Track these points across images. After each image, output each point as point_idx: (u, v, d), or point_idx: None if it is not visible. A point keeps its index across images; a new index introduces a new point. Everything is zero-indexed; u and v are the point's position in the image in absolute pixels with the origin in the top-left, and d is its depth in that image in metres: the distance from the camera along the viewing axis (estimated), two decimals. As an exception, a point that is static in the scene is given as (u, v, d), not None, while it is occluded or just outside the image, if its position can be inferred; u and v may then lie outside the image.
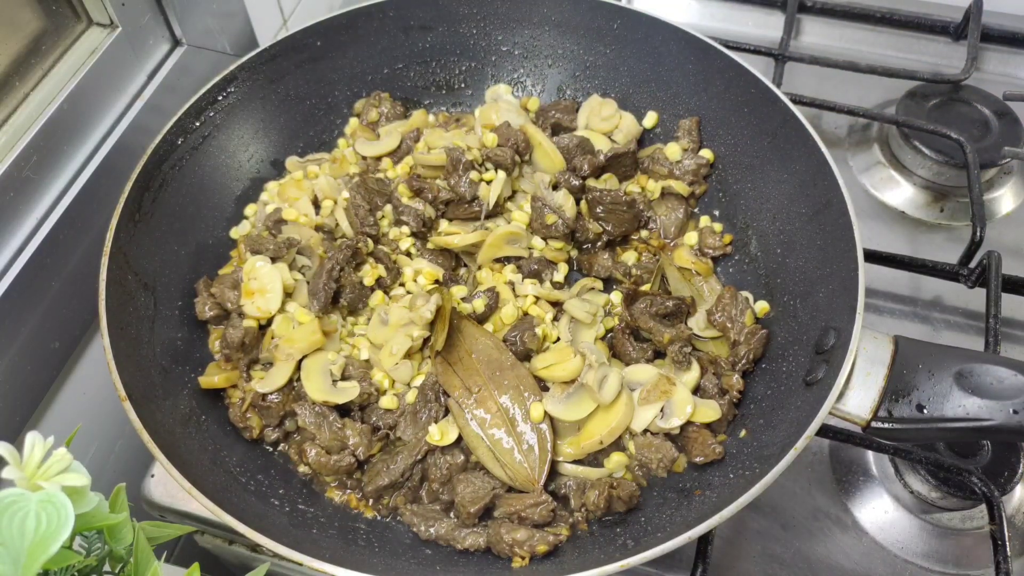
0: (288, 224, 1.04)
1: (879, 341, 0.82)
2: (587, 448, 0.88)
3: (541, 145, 1.09)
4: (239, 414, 0.91)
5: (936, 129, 1.20)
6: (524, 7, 1.17)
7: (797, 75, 1.40)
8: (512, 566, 0.80)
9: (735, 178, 1.09)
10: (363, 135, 1.15)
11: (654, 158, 1.11)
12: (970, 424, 0.77)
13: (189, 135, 1.02)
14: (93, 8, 1.04)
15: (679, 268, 1.04)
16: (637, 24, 1.13)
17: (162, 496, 0.95)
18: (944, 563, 0.93)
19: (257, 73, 1.08)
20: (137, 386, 0.82)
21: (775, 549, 0.94)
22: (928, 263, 1.07)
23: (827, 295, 0.89)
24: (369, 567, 0.71)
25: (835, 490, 0.99)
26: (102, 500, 0.59)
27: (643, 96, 1.17)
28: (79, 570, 0.58)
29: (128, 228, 0.91)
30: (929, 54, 1.45)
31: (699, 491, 0.84)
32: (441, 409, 0.91)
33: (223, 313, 0.96)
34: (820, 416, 0.76)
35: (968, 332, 1.12)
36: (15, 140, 0.93)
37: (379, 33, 1.16)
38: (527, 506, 0.83)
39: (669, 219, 1.08)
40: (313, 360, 0.92)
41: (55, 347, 1.00)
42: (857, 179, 1.29)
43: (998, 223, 1.23)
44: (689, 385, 0.90)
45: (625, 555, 0.70)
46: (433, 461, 0.89)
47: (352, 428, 0.89)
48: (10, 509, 0.49)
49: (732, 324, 0.95)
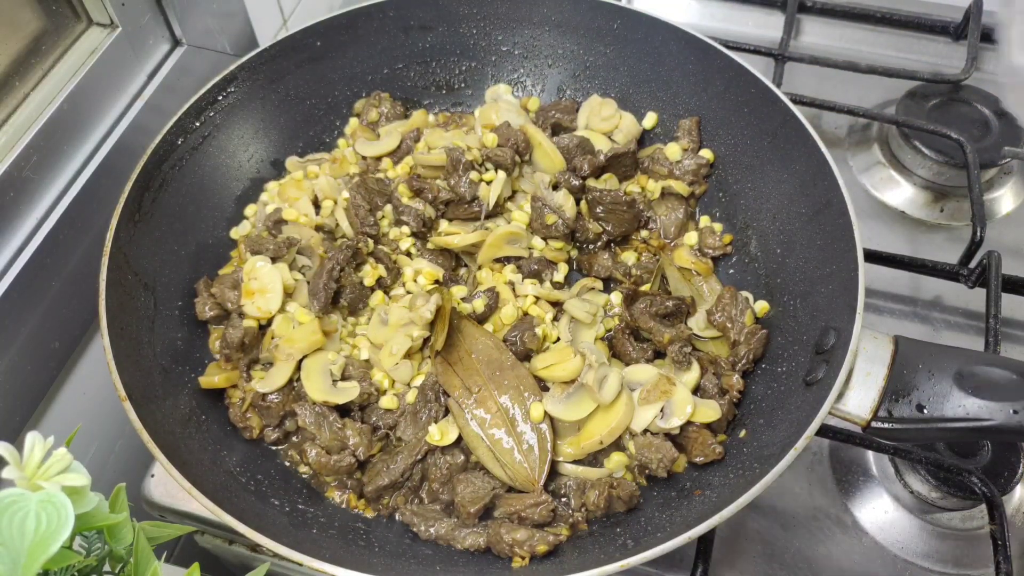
0: (288, 224, 1.04)
1: (879, 341, 0.82)
2: (587, 448, 0.88)
3: (541, 145, 1.09)
4: (239, 414, 0.91)
5: (936, 129, 1.20)
6: (524, 7, 1.17)
7: (797, 75, 1.40)
8: (512, 566, 0.80)
9: (735, 178, 1.09)
10: (363, 135, 1.15)
11: (654, 158, 1.11)
12: (970, 424, 0.77)
13: (189, 135, 1.02)
14: (93, 8, 1.04)
15: (679, 268, 1.04)
16: (637, 24, 1.13)
17: (162, 496, 0.95)
18: (944, 563, 0.93)
19: (257, 73, 1.08)
20: (137, 386, 0.82)
21: (775, 549, 0.94)
22: (928, 263, 1.07)
23: (827, 295, 0.89)
24: (369, 567, 0.71)
25: (835, 490, 0.99)
26: (102, 500, 0.59)
27: (643, 96, 1.17)
28: (79, 570, 0.58)
29: (128, 228, 0.91)
30: (929, 54, 1.45)
31: (699, 491, 0.84)
32: (441, 409, 0.91)
33: (223, 313, 0.96)
34: (820, 416, 0.76)
35: (968, 332, 1.12)
36: (15, 140, 0.93)
37: (379, 33, 1.16)
38: (527, 506, 0.83)
39: (669, 219, 1.08)
40: (313, 360, 0.92)
41: (55, 347, 1.00)
42: (857, 179, 1.29)
43: (998, 223, 1.23)
44: (689, 385, 0.90)
45: (625, 555, 0.70)
46: (433, 461, 0.89)
47: (352, 428, 0.89)
48: (10, 509, 0.49)
49: (732, 324, 0.95)
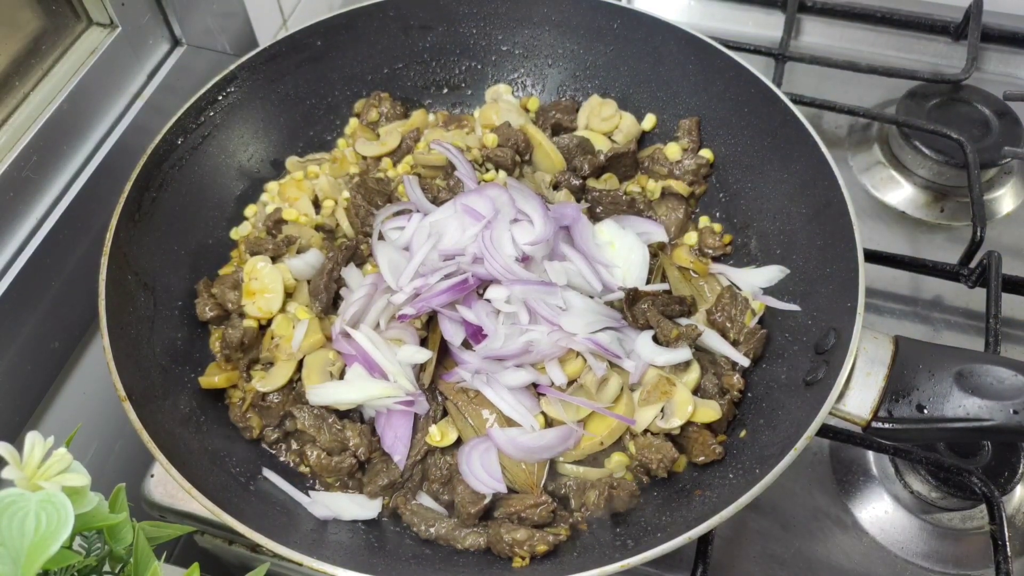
0: (288, 224, 1.04)
1: (879, 341, 0.82)
2: (587, 448, 0.88)
3: (541, 145, 1.09)
4: (239, 414, 0.91)
5: (936, 129, 1.20)
6: (524, 7, 1.17)
7: (797, 75, 1.40)
8: (512, 566, 0.80)
9: (735, 178, 1.09)
10: (363, 135, 1.15)
11: (654, 158, 1.11)
12: (970, 424, 0.77)
13: (189, 135, 1.02)
14: (93, 8, 1.04)
15: (679, 268, 1.04)
16: (637, 24, 1.13)
17: (162, 496, 0.95)
18: (944, 563, 0.93)
19: (257, 73, 1.08)
20: (137, 386, 0.82)
21: (775, 549, 0.94)
22: (928, 263, 1.07)
23: (827, 295, 0.89)
24: (369, 567, 0.71)
25: (835, 490, 0.99)
26: (102, 500, 0.59)
27: (643, 96, 1.17)
28: (79, 570, 0.58)
29: (128, 228, 0.91)
30: (929, 54, 1.45)
31: (699, 491, 0.84)
32: (440, 409, 0.92)
33: (223, 313, 0.97)
34: (820, 416, 0.76)
35: (968, 332, 1.12)
36: (15, 140, 0.93)
37: (379, 33, 1.16)
38: (527, 506, 0.83)
39: (669, 219, 1.08)
40: (314, 360, 0.92)
41: (55, 347, 1.00)
42: (857, 179, 1.29)
43: (998, 223, 1.23)
44: (689, 385, 0.90)
45: (625, 555, 0.70)
46: (433, 461, 0.89)
47: (352, 429, 0.89)
48: (10, 509, 0.49)
49: (732, 324, 0.96)
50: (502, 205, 0.96)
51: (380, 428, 0.89)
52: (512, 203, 0.96)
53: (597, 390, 0.88)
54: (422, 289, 0.91)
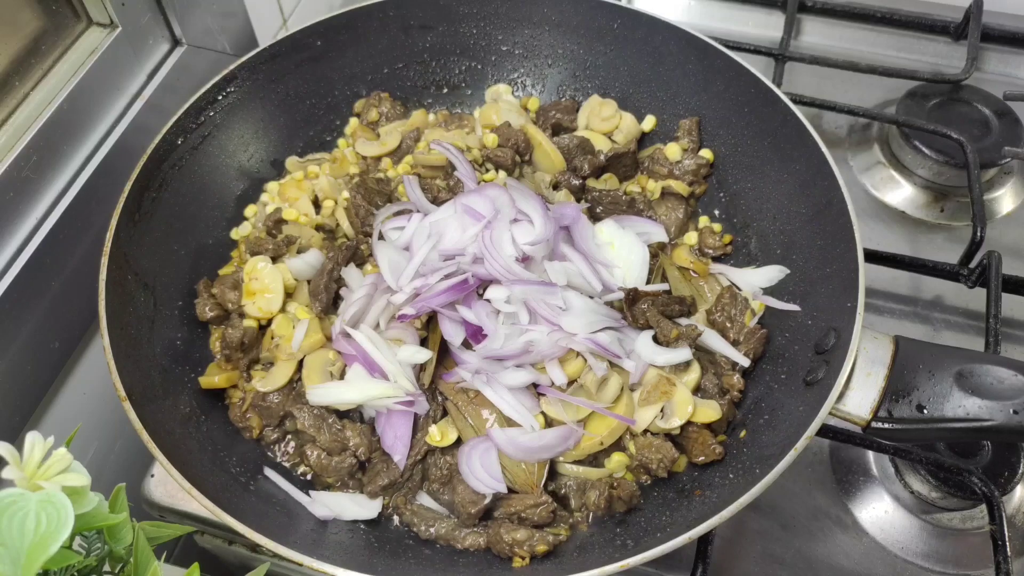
0: (288, 224, 1.04)
1: (879, 341, 0.82)
2: (587, 448, 0.88)
3: (541, 145, 1.09)
4: (239, 414, 0.91)
5: (936, 129, 1.20)
6: (524, 7, 1.17)
7: (797, 75, 1.40)
8: (512, 566, 0.80)
9: (735, 178, 1.09)
10: (363, 135, 1.15)
11: (654, 158, 1.11)
12: (970, 424, 0.77)
13: (189, 135, 1.02)
14: (93, 8, 1.04)
15: (679, 268, 1.04)
16: (637, 24, 1.13)
17: (162, 496, 0.95)
18: (944, 563, 0.93)
19: (257, 73, 1.08)
20: (137, 386, 0.82)
21: (775, 549, 0.94)
22: (928, 263, 1.08)
23: (827, 295, 0.89)
24: (369, 567, 0.71)
25: (835, 490, 0.99)
26: (102, 500, 0.59)
27: (643, 96, 1.17)
28: (79, 570, 0.58)
29: (128, 228, 0.91)
30: (929, 54, 1.45)
31: (699, 491, 0.84)
32: (440, 409, 0.92)
33: (224, 314, 0.97)
34: (820, 416, 0.76)
35: (968, 332, 1.12)
36: (15, 140, 0.93)
37: (379, 33, 1.16)
38: (527, 507, 0.83)
39: (669, 219, 1.08)
40: (313, 360, 0.92)
41: (55, 347, 1.00)
42: (857, 179, 1.29)
43: (998, 223, 1.23)
44: (689, 385, 0.90)
45: (625, 555, 0.70)
46: (433, 461, 0.89)
47: (352, 429, 0.89)
48: (10, 509, 0.49)
49: (732, 324, 0.96)
50: (502, 205, 0.96)
51: (380, 428, 0.89)
52: (512, 203, 0.96)
53: (597, 390, 0.88)
54: (422, 289, 0.91)
